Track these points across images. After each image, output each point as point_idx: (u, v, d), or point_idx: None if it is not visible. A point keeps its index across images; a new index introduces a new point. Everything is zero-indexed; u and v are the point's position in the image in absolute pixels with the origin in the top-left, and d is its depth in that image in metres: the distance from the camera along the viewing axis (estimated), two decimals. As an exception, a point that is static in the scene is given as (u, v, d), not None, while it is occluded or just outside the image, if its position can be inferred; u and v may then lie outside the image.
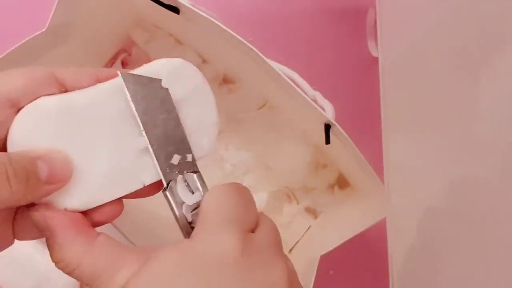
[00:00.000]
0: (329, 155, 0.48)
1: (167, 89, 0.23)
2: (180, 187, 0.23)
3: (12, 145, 0.21)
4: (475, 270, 0.26)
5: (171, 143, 0.23)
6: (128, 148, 0.22)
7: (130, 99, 0.22)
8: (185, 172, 0.23)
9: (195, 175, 0.23)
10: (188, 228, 0.23)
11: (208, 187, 0.24)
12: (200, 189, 0.23)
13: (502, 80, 0.23)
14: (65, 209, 0.21)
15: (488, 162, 0.24)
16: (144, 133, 0.22)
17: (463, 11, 0.27)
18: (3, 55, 0.35)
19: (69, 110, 0.21)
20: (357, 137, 0.37)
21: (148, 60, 0.48)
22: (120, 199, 0.23)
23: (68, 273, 0.20)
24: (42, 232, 0.21)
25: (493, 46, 0.24)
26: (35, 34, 0.35)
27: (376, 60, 0.49)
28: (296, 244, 0.49)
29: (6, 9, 0.52)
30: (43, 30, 0.36)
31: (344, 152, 0.37)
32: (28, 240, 0.23)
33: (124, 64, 0.50)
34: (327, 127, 0.36)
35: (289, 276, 0.21)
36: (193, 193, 0.23)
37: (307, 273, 0.39)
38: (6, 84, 0.20)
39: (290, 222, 0.49)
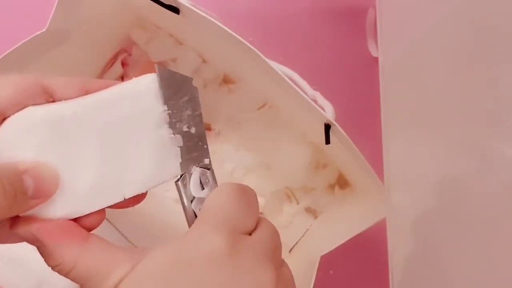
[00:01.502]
0: (329, 155, 0.48)
1: (196, 88, 0.24)
2: (192, 181, 0.24)
3: None
4: (475, 270, 0.26)
5: (191, 138, 0.24)
6: (115, 161, 0.23)
7: (161, 91, 0.23)
8: (200, 168, 0.24)
9: (208, 172, 0.24)
10: (194, 221, 0.23)
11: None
12: (210, 185, 0.24)
13: (503, 80, 0.23)
14: (58, 219, 0.21)
15: (488, 162, 0.24)
16: (169, 125, 0.23)
17: (463, 11, 0.27)
18: (3, 54, 0.35)
19: (56, 121, 0.21)
20: (357, 137, 0.37)
21: (148, 60, 0.48)
22: (102, 209, 0.23)
23: (64, 275, 0.21)
24: (32, 244, 0.21)
25: (493, 46, 0.24)
26: (36, 34, 0.35)
27: (376, 60, 0.49)
28: (296, 244, 0.49)
29: (6, 9, 0.52)
30: (44, 30, 0.36)
31: (344, 152, 0.37)
32: (12, 243, 0.23)
33: (124, 64, 0.50)
34: (327, 127, 0.36)
35: (278, 281, 0.21)
36: (203, 188, 0.24)
37: (307, 273, 0.39)
38: None
39: (290, 222, 0.49)
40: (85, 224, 0.22)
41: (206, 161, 0.25)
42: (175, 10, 0.36)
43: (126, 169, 0.23)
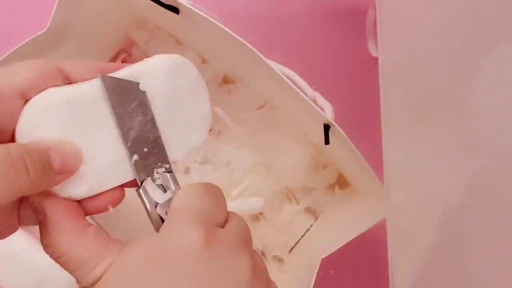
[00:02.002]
0: (329, 155, 0.48)
1: (144, 92, 0.24)
2: (153, 186, 0.24)
3: (21, 136, 0.21)
4: (475, 269, 0.26)
5: (146, 144, 0.24)
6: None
7: (108, 100, 0.23)
8: (159, 172, 0.24)
9: (168, 175, 0.24)
10: (160, 225, 0.23)
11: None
12: (173, 188, 0.24)
13: (503, 79, 0.23)
14: (70, 197, 0.22)
15: (489, 162, 0.24)
16: (120, 134, 0.23)
17: (463, 10, 0.27)
18: (5, 55, 0.35)
19: (76, 100, 0.22)
20: (356, 137, 0.37)
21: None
22: (120, 186, 0.24)
23: (55, 258, 0.21)
24: (38, 216, 0.22)
25: (494, 46, 0.24)
26: (36, 34, 0.35)
27: (376, 60, 0.49)
28: (296, 244, 0.49)
29: (7, 9, 0.52)
30: (44, 30, 0.36)
31: (343, 152, 0.37)
32: (31, 225, 0.23)
33: (124, 64, 0.50)
34: (326, 127, 0.36)
35: (254, 269, 0.22)
36: (165, 192, 0.24)
37: (307, 274, 0.39)
38: (17, 76, 0.21)
39: (290, 223, 0.49)
40: (103, 201, 0.23)
41: (166, 164, 0.24)
42: (175, 10, 0.36)
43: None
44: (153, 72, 0.24)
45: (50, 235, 0.21)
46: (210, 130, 0.50)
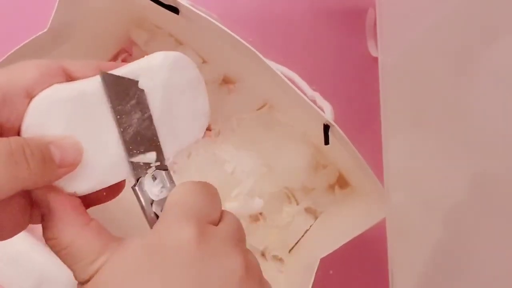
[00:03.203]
0: (329, 155, 0.48)
1: (143, 90, 0.24)
2: (148, 184, 0.24)
3: (27, 132, 0.22)
4: (475, 269, 0.26)
5: (143, 141, 0.24)
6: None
7: (107, 97, 0.23)
8: (155, 169, 0.24)
9: (164, 172, 0.25)
10: (155, 222, 0.24)
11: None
12: (168, 185, 0.24)
13: (504, 80, 0.23)
14: (74, 193, 0.22)
15: (489, 162, 0.24)
16: (118, 131, 0.23)
17: (463, 10, 0.27)
18: (6, 56, 0.35)
19: (80, 97, 0.22)
20: (356, 138, 0.37)
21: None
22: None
23: (57, 252, 0.22)
24: (42, 209, 0.22)
25: (494, 46, 0.24)
26: (37, 34, 0.35)
27: (376, 60, 0.49)
28: (296, 244, 0.49)
29: (7, 10, 0.52)
30: (44, 30, 0.36)
31: (343, 152, 0.37)
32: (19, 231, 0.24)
33: (124, 64, 0.50)
34: (326, 128, 0.36)
35: (247, 267, 0.22)
36: (161, 190, 0.24)
37: (306, 274, 0.39)
38: (21, 75, 0.22)
39: (290, 223, 0.49)
40: (104, 195, 0.24)
41: (162, 162, 0.25)
42: (175, 10, 0.36)
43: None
44: (153, 69, 0.24)
45: (54, 228, 0.21)
46: (210, 130, 0.50)
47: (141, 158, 0.24)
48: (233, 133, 0.50)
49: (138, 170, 0.24)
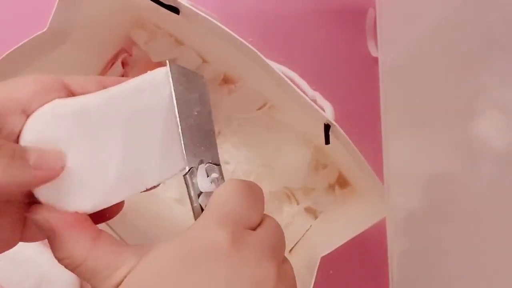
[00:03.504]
0: (329, 155, 0.48)
1: (207, 84, 0.24)
2: (200, 176, 0.24)
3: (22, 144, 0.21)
4: (474, 269, 0.26)
5: (200, 134, 0.24)
6: (135, 151, 0.23)
7: (172, 86, 0.23)
8: (208, 163, 0.24)
9: (216, 167, 0.25)
10: (199, 215, 0.23)
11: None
12: (218, 180, 0.24)
13: (504, 79, 0.23)
14: (76, 212, 0.22)
15: (488, 162, 0.24)
16: (178, 119, 0.23)
17: (463, 10, 0.27)
18: (4, 55, 0.35)
19: (82, 113, 0.22)
20: (356, 137, 0.37)
21: (148, 60, 0.48)
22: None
23: (72, 270, 0.21)
24: (45, 233, 0.21)
25: (494, 46, 0.24)
26: (36, 34, 0.35)
27: (376, 60, 0.49)
28: (296, 244, 0.49)
29: (7, 10, 0.52)
30: (44, 30, 0.36)
31: (343, 152, 0.37)
32: (37, 241, 0.23)
33: (124, 64, 0.50)
34: (327, 127, 0.36)
35: (279, 277, 0.21)
36: (211, 184, 0.24)
37: (307, 274, 0.39)
38: (18, 91, 0.21)
39: (290, 223, 0.49)
40: (106, 214, 0.23)
41: (215, 156, 0.25)
42: (175, 10, 0.36)
43: (145, 159, 0.24)
44: (158, 83, 0.24)
45: (64, 249, 0.21)
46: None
47: (194, 149, 0.24)
48: (233, 133, 0.50)
49: (192, 160, 0.24)
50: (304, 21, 0.54)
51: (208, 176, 0.24)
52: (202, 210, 0.23)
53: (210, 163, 0.24)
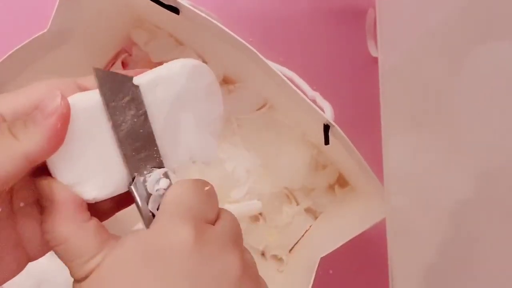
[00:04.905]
0: (329, 155, 0.48)
1: (138, 86, 0.24)
2: (146, 181, 0.24)
3: None
4: (475, 269, 0.26)
5: (138, 138, 0.24)
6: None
7: (100, 93, 0.23)
8: (151, 167, 0.24)
9: (160, 170, 0.24)
10: (151, 221, 0.23)
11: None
12: (165, 184, 0.24)
13: (504, 80, 0.23)
14: (94, 199, 0.23)
15: (489, 162, 0.24)
16: (111, 127, 0.23)
17: (463, 10, 0.27)
18: (6, 55, 0.35)
19: (101, 104, 0.22)
20: (356, 138, 0.37)
21: (148, 60, 0.48)
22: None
23: (53, 246, 0.21)
24: (43, 201, 0.22)
25: (494, 46, 0.24)
26: (37, 34, 0.35)
27: (376, 60, 0.49)
28: (296, 244, 0.49)
29: (7, 10, 0.52)
30: (45, 31, 0.36)
31: (343, 152, 0.37)
32: (39, 257, 0.24)
33: (124, 64, 0.50)
34: (326, 128, 0.36)
35: (244, 267, 0.22)
36: (158, 188, 0.24)
37: (307, 274, 0.39)
38: (31, 93, 0.22)
39: (290, 223, 0.49)
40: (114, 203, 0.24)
41: (158, 159, 0.24)
42: (175, 10, 0.36)
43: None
44: (172, 77, 0.24)
45: (52, 222, 0.21)
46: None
47: (136, 156, 0.24)
48: (233, 133, 0.50)
49: (134, 167, 0.24)
50: (304, 21, 0.54)
51: (155, 181, 0.24)
52: (153, 215, 0.23)
53: (155, 167, 0.24)
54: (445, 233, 0.30)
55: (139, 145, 0.24)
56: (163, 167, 0.25)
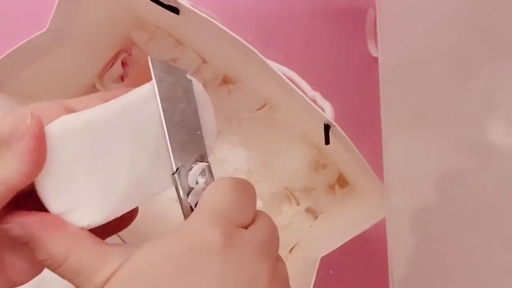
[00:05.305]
0: (329, 155, 0.48)
1: (191, 80, 0.24)
2: (188, 174, 0.23)
3: None
4: (475, 269, 0.26)
5: (186, 131, 0.24)
6: (144, 160, 0.23)
7: (154, 82, 0.22)
8: (196, 161, 0.24)
9: (204, 165, 0.24)
10: (189, 214, 0.23)
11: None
12: (207, 178, 0.24)
13: (503, 79, 0.23)
14: (88, 226, 0.21)
15: (488, 163, 0.24)
16: (163, 116, 0.23)
17: (463, 10, 0.27)
18: (4, 54, 0.35)
19: (89, 126, 0.21)
20: (356, 138, 0.37)
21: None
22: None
23: (55, 270, 0.20)
24: (25, 240, 0.20)
25: (493, 46, 0.24)
26: (36, 34, 0.35)
27: (376, 60, 0.49)
28: (296, 244, 0.49)
29: (7, 10, 0.52)
30: (44, 30, 0.36)
31: (343, 152, 0.37)
32: (25, 283, 0.23)
33: (124, 64, 0.50)
34: (327, 128, 0.36)
35: (273, 276, 0.21)
36: (200, 181, 0.24)
37: (307, 274, 0.39)
38: (9, 118, 0.20)
39: (290, 223, 0.49)
40: (121, 222, 0.23)
41: (203, 154, 0.24)
42: (175, 10, 0.36)
43: (151, 167, 0.23)
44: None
45: (44, 250, 0.20)
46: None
47: (182, 148, 0.23)
48: (233, 133, 0.50)
49: (179, 158, 0.23)
50: (304, 21, 0.54)
51: (196, 175, 0.24)
52: (192, 209, 0.23)
53: (199, 161, 0.24)
54: (445, 233, 0.30)
55: (187, 138, 0.23)
56: (208, 163, 0.24)
